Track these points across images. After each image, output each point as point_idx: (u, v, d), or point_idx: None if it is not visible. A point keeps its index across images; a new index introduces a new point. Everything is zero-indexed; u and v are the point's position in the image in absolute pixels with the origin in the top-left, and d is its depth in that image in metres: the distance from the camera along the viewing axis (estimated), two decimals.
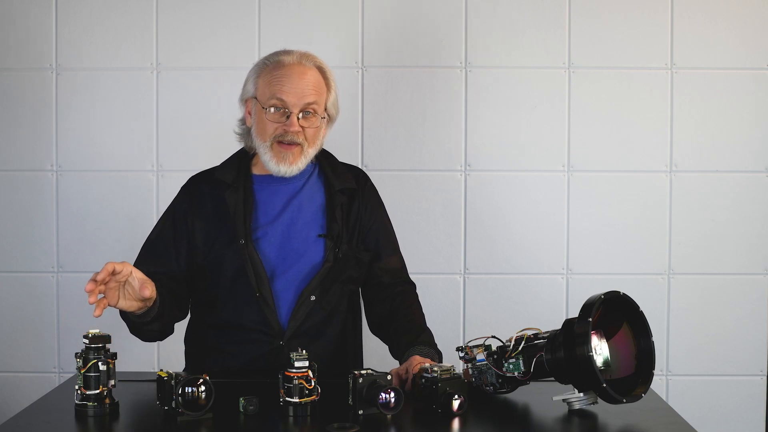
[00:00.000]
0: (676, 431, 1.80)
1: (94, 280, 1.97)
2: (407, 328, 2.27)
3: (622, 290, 1.93)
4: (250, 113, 2.37)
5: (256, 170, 2.39)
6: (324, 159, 2.41)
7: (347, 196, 2.37)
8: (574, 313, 1.90)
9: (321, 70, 2.32)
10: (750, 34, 3.27)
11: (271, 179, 2.35)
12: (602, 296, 1.88)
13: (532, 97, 3.28)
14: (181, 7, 3.27)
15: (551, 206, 3.29)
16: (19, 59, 3.28)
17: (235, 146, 3.29)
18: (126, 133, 3.29)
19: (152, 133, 3.29)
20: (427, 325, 2.34)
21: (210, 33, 3.28)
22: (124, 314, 2.18)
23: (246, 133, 2.39)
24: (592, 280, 3.28)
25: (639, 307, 1.93)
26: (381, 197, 2.49)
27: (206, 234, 2.31)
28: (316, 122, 2.28)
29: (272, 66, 2.31)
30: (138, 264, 2.29)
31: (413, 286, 2.45)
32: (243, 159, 2.40)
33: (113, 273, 2.00)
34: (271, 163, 2.28)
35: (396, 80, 3.28)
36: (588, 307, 1.85)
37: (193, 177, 2.43)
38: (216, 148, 3.28)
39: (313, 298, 2.27)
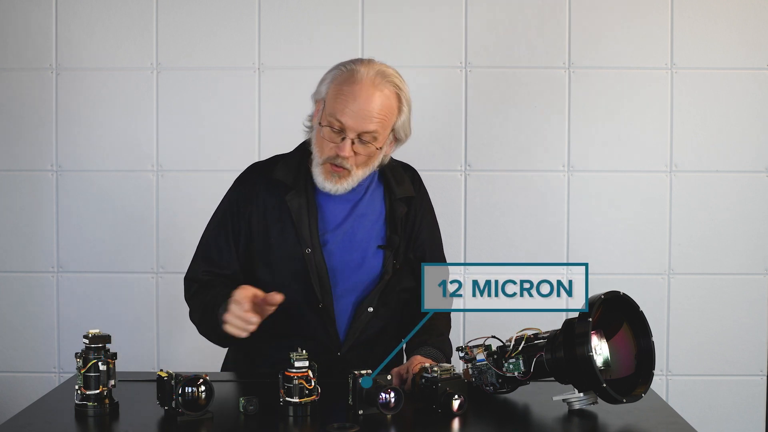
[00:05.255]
0: (676, 431, 1.80)
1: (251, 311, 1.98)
2: (424, 330, 2.22)
3: (622, 290, 1.93)
4: (318, 113, 2.23)
5: None
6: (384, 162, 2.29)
7: (405, 203, 2.30)
8: (574, 313, 1.90)
9: (396, 91, 2.17)
10: (750, 34, 3.27)
11: None
12: (602, 296, 1.88)
13: (532, 97, 3.28)
14: (181, 7, 3.27)
15: (551, 206, 3.29)
16: (19, 59, 3.28)
17: (234, 145, 3.30)
18: (126, 133, 3.29)
19: (152, 133, 3.29)
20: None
21: (210, 33, 3.28)
22: (211, 326, 2.15)
23: (312, 130, 2.27)
24: (592, 280, 3.27)
25: (639, 307, 1.93)
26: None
27: (263, 232, 2.22)
28: (370, 150, 2.15)
29: (346, 76, 2.16)
30: (201, 264, 2.25)
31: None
32: (303, 157, 2.28)
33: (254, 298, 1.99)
34: (319, 179, 2.19)
35: None
36: (588, 307, 1.85)
37: (250, 168, 2.33)
38: (216, 148, 3.30)
39: (370, 309, 2.22)
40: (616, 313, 1.94)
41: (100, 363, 1.86)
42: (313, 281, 2.18)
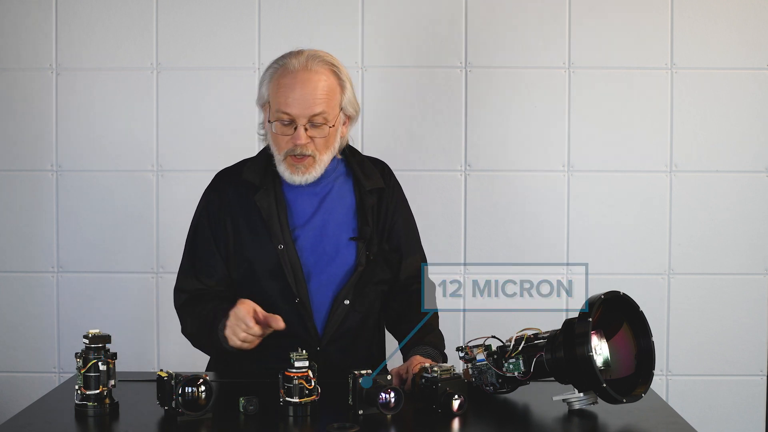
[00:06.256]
0: (676, 431, 1.80)
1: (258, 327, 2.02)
2: (414, 326, 2.24)
3: (622, 290, 1.93)
4: (266, 114, 2.28)
5: None
6: (351, 156, 2.35)
7: (376, 196, 2.32)
8: (575, 313, 1.90)
9: (333, 70, 2.22)
10: (750, 34, 3.27)
11: None
12: (602, 296, 1.88)
13: (532, 97, 3.28)
14: (181, 7, 3.27)
15: (551, 206, 3.29)
16: (19, 59, 3.28)
17: (234, 145, 3.30)
18: (126, 133, 3.29)
19: (152, 133, 3.29)
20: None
21: (210, 33, 3.28)
22: (209, 340, 2.17)
23: (266, 134, 2.31)
24: (592, 280, 3.28)
25: (639, 307, 1.93)
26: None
27: (235, 234, 2.26)
28: (325, 131, 2.20)
29: (280, 71, 2.22)
30: (190, 278, 2.27)
31: (432, 285, 2.41)
32: (270, 159, 2.31)
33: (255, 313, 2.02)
34: (286, 174, 2.23)
35: (396, 80, 3.28)
36: (588, 307, 1.85)
37: (218, 175, 2.37)
38: (216, 148, 3.30)
39: (347, 302, 2.24)
40: (616, 313, 1.94)
41: (100, 363, 1.86)
42: (288, 277, 2.21)
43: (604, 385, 1.80)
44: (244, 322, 2.01)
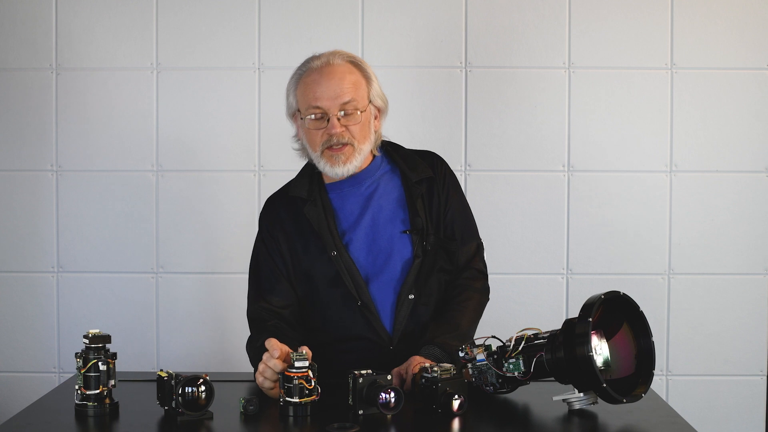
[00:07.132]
0: (676, 431, 1.80)
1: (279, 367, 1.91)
2: (439, 323, 2.22)
3: (622, 290, 1.93)
4: (300, 128, 2.28)
5: (327, 180, 2.31)
6: (394, 152, 2.35)
7: (426, 185, 2.30)
8: (574, 313, 1.90)
9: (355, 64, 2.27)
10: (750, 34, 3.27)
11: (344, 184, 2.28)
12: (602, 296, 1.88)
13: (532, 97, 3.28)
14: (181, 7, 3.27)
15: (551, 206, 3.29)
16: (19, 59, 3.28)
17: (234, 145, 3.31)
18: (126, 133, 3.29)
19: (152, 133, 3.29)
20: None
21: (210, 33, 3.28)
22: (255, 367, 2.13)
23: (304, 148, 2.31)
24: (592, 280, 3.28)
25: (639, 307, 1.93)
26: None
27: (291, 251, 2.26)
28: (357, 118, 2.21)
29: (304, 74, 2.25)
30: (257, 299, 2.26)
31: (479, 276, 2.36)
32: (314, 171, 2.32)
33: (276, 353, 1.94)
34: (326, 168, 2.23)
35: (396, 80, 3.28)
36: (588, 307, 1.85)
37: (268, 199, 2.37)
38: (216, 148, 3.30)
39: (411, 296, 2.22)
40: (616, 313, 1.94)
41: (100, 363, 1.86)
42: (346, 282, 2.20)
43: (604, 385, 1.80)
44: (270, 353, 1.92)
